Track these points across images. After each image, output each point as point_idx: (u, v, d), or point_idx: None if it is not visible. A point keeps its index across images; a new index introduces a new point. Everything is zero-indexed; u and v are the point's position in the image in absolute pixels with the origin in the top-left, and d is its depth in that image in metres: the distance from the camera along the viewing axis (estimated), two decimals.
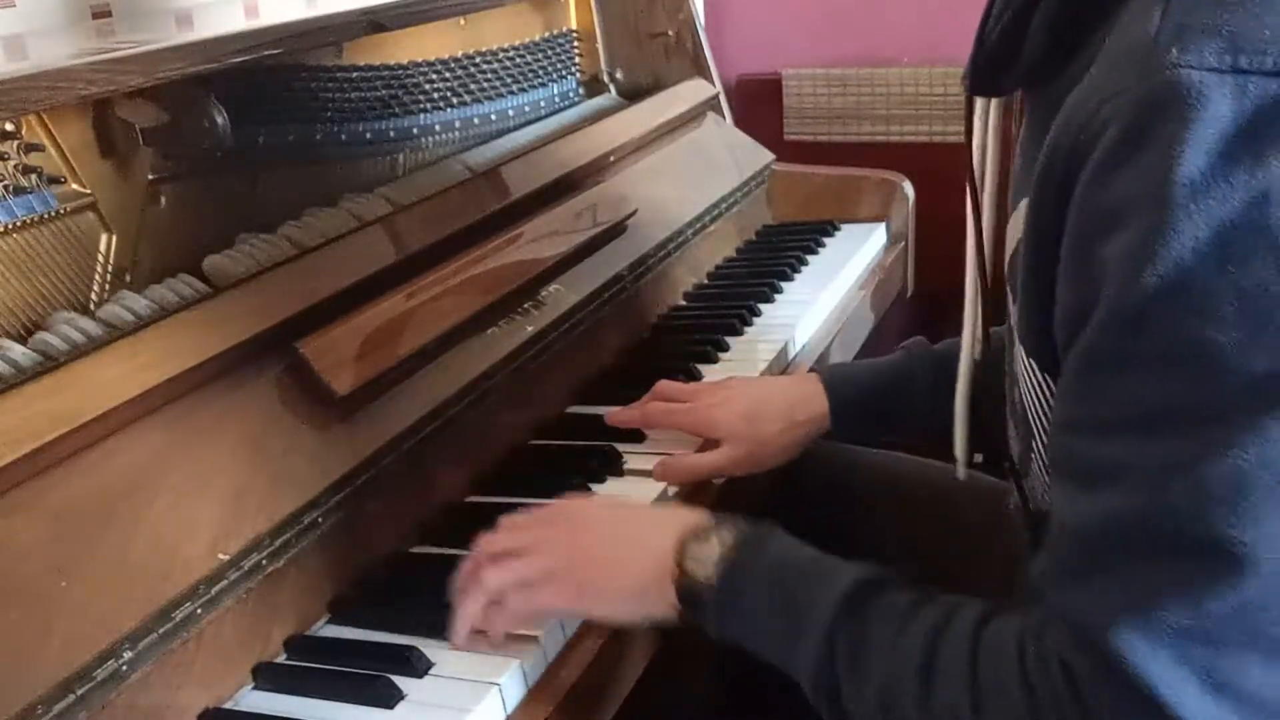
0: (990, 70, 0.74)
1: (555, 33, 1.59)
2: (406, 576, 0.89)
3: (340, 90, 1.17)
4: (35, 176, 0.88)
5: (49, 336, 0.83)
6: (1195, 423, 0.55)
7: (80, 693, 0.69)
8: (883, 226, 1.64)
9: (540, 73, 1.53)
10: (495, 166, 1.27)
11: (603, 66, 1.72)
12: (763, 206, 1.72)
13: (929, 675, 0.65)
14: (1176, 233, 0.54)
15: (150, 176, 0.99)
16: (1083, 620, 0.59)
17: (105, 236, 0.94)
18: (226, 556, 0.78)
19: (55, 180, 0.91)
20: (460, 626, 0.80)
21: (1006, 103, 0.83)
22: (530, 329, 1.12)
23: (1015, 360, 0.76)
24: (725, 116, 1.78)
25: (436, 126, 1.32)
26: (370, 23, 1.12)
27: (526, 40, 1.51)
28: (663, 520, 0.82)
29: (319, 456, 0.88)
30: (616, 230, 1.31)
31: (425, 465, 0.97)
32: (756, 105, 2.21)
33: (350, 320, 0.96)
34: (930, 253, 1.70)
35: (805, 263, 1.52)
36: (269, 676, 0.79)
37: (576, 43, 1.63)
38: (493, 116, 1.42)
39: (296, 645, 0.82)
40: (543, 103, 1.53)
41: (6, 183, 0.87)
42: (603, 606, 0.81)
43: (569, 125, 1.52)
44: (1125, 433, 0.58)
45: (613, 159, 1.43)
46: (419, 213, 1.13)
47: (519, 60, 1.48)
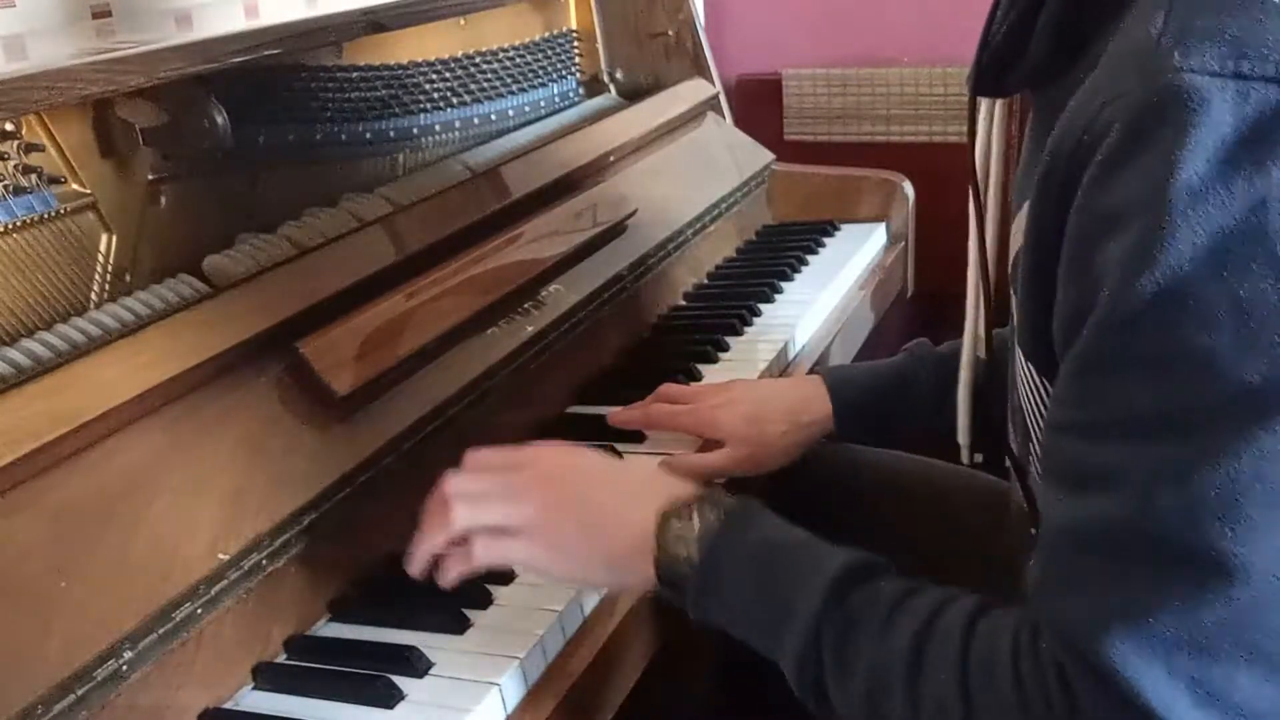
0: (995, 71, 0.74)
1: (555, 33, 1.58)
2: (406, 576, 0.88)
3: (340, 90, 1.17)
4: (35, 176, 0.88)
5: (49, 336, 0.83)
6: (1188, 430, 0.55)
7: (80, 693, 0.69)
8: (883, 226, 1.64)
9: (540, 73, 1.53)
10: (495, 166, 1.27)
11: (603, 66, 1.72)
12: (763, 206, 1.72)
13: (918, 667, 0.64)
14: (1174, 238, 0.54)
15: (150, 176, 0.99)
16: (1073, 628, 0.58)
17: (105, 236, 0.94)
18: (226, 556, 0.78)
19: (55, 180, 0.91)
20: (418, 558, 0.79)
21: (1009, 104, 0.82)
22: (530, 329, 1.12)
23: (1015, 363, 0.75)
24: (725, 116, 1.78)
25: (436, 126, 1.32)
26: (370, 23, 1.13)
27: (526, 40, 1.51)
28: (646, 488, 0.79)
29: (319, 456, 0.88)
30: (616, 230, 1.31)
31: (425, 465, 0.97)
32: (756, 105, 2.21)
33: (350, 320, 0.96)
34: (930, 253, 1.70)
35: (805, 263, 1.52)
36: (269, 676, 0.79)
37: (576, 43, 1.63)
38: (493, 116, 1.42)
39: (296, 645, 0.82)
40: (543, 103, 1.53)
41: (6, 183, 0.87)
42: (574, 570, 0.79)
43: (569, 125, 1.51)
44: (1117, 437, 0.58)
45: (613, 159, 1.43)
46: (419, 213, 1.13)
47: (519, 60, 1.48)
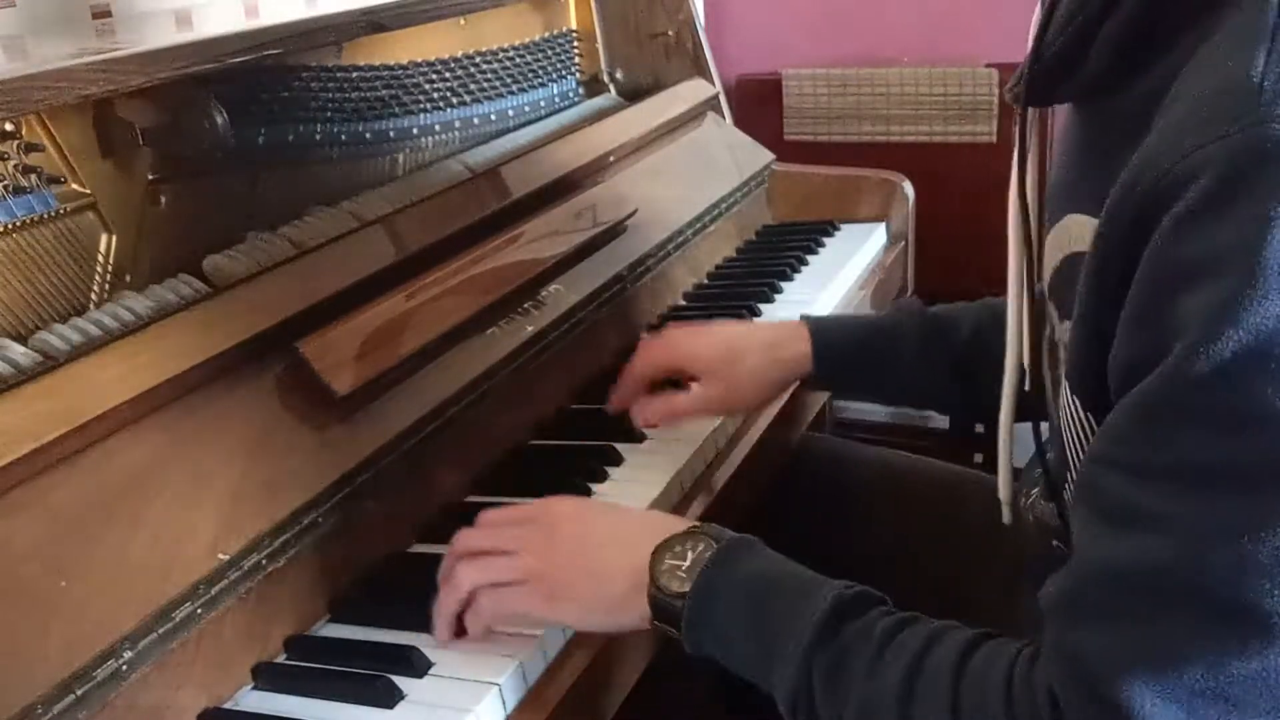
0: (1047, 81, 0.71)
1: (555, 33, 1.58)
2: (406, 576, 0.89)
3: (340, 90, 1.17)
4: (35, 176, 0.88)
5: (49, 336, 0.83)
6: (1250, 488, 0.54)
7: (80, 693, 0.69)
8: (883, 226, 1.64)
9: (540, 73, 1.53)
10: (495, 166, 1.27)
11: (603, 66, 1.72)
12: (763, 206, 1.72)
13: (908, 702, 0.64)
14: (1264, 297, 0.52)
15: (150, 176, 0.99)
16: (1091, 657, 0.58)
17: (105, 236, 0.94)
18: (226, 556, 0.78)
19: (55, 180, 0.91)
20: (439, 626, 0.80)
21: (1042, 112, 0.78)
22: (530, 329, 1.12)
23: (1059, 395, 0.73)
24: (725, 116, 1.78)
25: (436, 126, 1.32)
26: (370, 23, 1.13)
27: (526, 40, 1.51)
28: (641, 529, 0.79)
29: (319, 456, 0.88)
30: (616, 230, 1.31)
31: (425, 465, 0.97)
32: (756, 105, 2.22)
33: (350, 320, 0.96)
34: (930, 253, 1.71)
35: (805, 263, 1.52)
36: (269, 676, 0.79)
37: (576, 43, 1.63)
38: (493, 116, 1.42)
39: (296, 645, 0.82)
40: (542, 103, 1.53)
41: (6, 183, 0.87)
42: (574, 615, 0.79)
43: (569, 125, 1.51)
44: (1170, 483, 0.57)
45: (612, 159, 1.43)
46: (419, 213, 1.12)
47: (519, 60, 1.48)
